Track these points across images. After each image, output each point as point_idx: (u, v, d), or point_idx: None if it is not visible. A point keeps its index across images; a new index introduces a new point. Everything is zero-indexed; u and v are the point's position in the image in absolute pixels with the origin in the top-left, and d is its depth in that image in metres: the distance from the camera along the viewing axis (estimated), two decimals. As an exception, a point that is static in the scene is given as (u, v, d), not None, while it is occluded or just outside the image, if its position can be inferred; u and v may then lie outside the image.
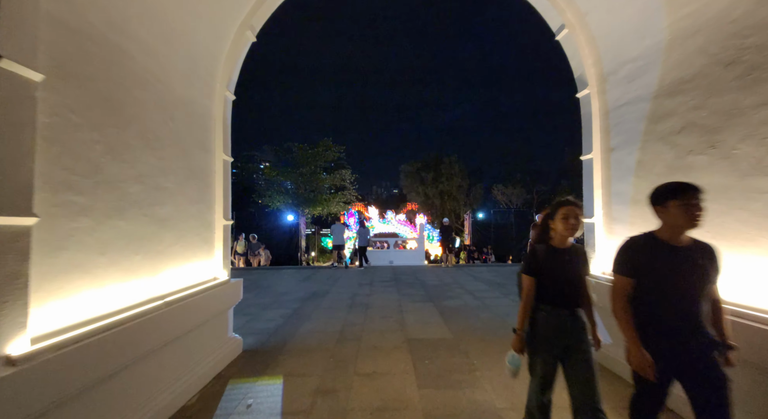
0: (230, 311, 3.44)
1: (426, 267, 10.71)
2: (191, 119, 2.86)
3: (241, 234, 12.64)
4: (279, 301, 6.00)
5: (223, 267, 3.29)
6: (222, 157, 3.28)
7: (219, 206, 3.24)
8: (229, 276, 3.38)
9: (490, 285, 7.42)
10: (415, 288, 7.19)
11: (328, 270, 10.33)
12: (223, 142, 3.29)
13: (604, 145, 3.37)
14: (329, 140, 27.17)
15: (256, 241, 12.77)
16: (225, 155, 3.32)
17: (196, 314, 2.71)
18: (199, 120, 3.00)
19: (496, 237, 22.29)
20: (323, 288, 7.20)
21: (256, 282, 8.10)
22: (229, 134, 3.44)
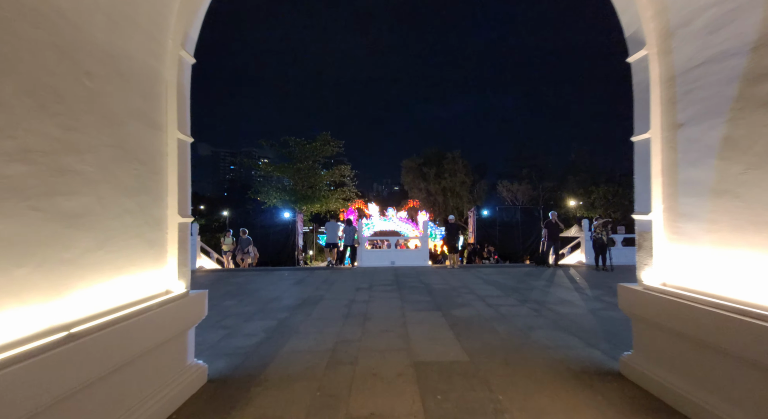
0: (191, 332, 2.73)
1: (430, 269, 10.00)
2: (126, 81, 2.13)
3: (229, 230, 12.13)
4: (265, 310, 5.29)
5: (180, 278, 2.57)
6: (177, 136, 2.55)
7: (173, 199, 2.52)
8: (188, 287, 2.66)
9: (502, 289, 6.70)
10: (419, 293, 6.47)
11: (324, 271, 9.63)
12: (178, 117, 2.56)
13: (667, 120, 2.63)
14: (328, 134, 26.39)
15: (246, 236, 11.92)
16: (182, 133, 2.59)
17: (134, 341, 2.01)
18: (141, 84, 2.27)
19: (502, 236, 21.56)
20: (317, 294, 6.48)
21: (242, 286, 7.40)
22: (187, 107, 2.71)
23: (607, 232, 8.88)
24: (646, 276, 2.78)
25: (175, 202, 2.53)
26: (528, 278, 8.07)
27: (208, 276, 9.05)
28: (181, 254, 2.56)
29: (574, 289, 6.70)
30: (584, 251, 10.65)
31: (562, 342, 3.65)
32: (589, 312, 4.94)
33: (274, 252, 20.93)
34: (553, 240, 9.79)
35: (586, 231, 10.70)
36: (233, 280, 8.16)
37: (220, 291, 6.84)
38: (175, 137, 2.54)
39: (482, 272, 9.02)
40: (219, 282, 8.02)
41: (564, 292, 6.42)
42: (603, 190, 28.44)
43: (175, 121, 2.54)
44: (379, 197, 66.34)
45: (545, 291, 6.49)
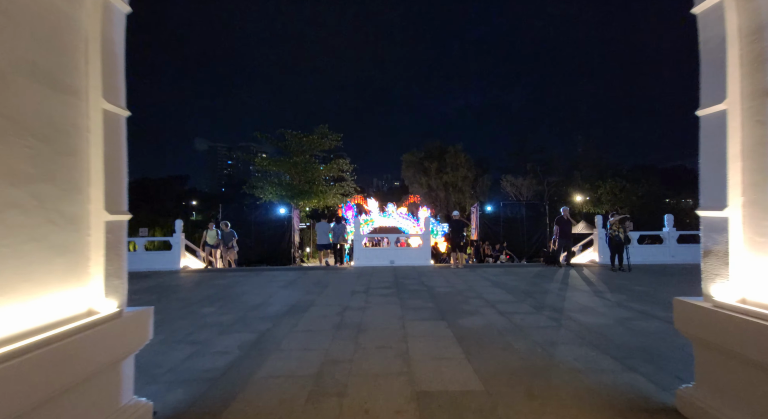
0: (127, 362, 2.11)
1: (432, 269, 9.39)
2: (11, 22, 1.50)
3: (211, 223, 11.36)
4: (246, 319, 4.69)
5: (109, 294, 1.95)
6: (103, 106, 1.92)
7: (97, 190, 1.90)
8: (122, 305, 2.04)
9: (513, 293, 6.09)
10: (421, 297, 5.87)
11: (318, 271, 9.03)
12: (104, 81, 1.93)
13: (750, 86, 2.00)
14: (326, 127, 25.65)
15: (228, 230, 11.14)
16: (110, 104, 1.96)
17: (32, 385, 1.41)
18: (41, 31, 1.65)
19: (506, 232, 20.92)
20: (307, 299, 5.88)
21: (226, 289, 6.80)
22: (120, 69, 2.07)
23: (624, 229, 8.26)
24: (717, 291, 2.16)
25: (101, 194, 1.90)
26: (539, 280, 7.46)
27: (191, 278, 8.46)
28: (111, 263, 1.94)
29: (593, 293, 6.09)
30: (597, 249, 10.03)
31: (595, 364, 3.05)
32: (617, 323, 4.33)
33: (270, 249, 20.35)
34: (565, 237, 9.17)
35: (599, 229, 10.07)
36: (218, 282, 7.56)
37: (200, 295, 6.24)
38: (100, 108, 1.91)
39: (489, 273, 8.41)
40: (202, 284, 7.43)
41: (583, 297, 5.81)
42: (610, 184, 27.74)
43: (100, 87, 1.91)
44: (379, 193, 65.75)
45: (561, 296, 5.89)
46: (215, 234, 11.04)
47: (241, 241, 20.51)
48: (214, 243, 10.95)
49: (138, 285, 7.36)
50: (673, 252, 9.95)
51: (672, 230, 10.01)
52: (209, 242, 10.91)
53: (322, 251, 11.19)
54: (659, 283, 6.99)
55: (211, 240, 10.98)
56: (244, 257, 20.18)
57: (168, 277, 8.41)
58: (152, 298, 6.12)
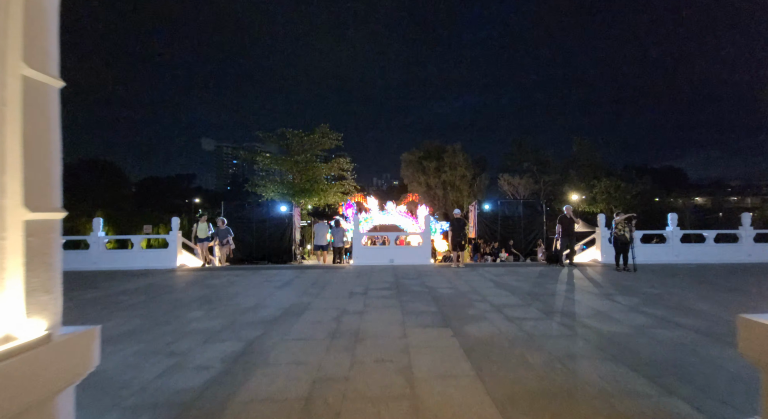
0: (64, 396, 1.70)
1: (433, 268, 9.01)
2: None
3: (203, 216, 11.04)
4: (234, 325, 4.29)
5: (33, 313, 1.54)
6: (22, 72, 1.50)
7: (13, 180, 1.48)
8: (53, 326, 1.63)
9: (518, 295, 5.71)
10: (422, 300, 5.48)
11: (316, 271, 8.63)
12: (24, 41, 1.51)
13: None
14: (326, 126, 25.21)
15: (225, 226, 10.76)
16: (33, 69, 1.54)
17: None
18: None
19: (503, 230, 20.58)
20: (303, 301, 5.49)
21: (219, 290, 6.40)
22: (50, 27, 1.65)
23: (630, 228, 7.89)
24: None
25: (19, 186, 1.49)
26: (544, 280, 7.09)
27: (186, 277, 8.05)
28: (34, 273, 1.53)
29: (603, 296, 5.72)
30: (600, 248, 9.66)
31: (626, 384, 2.66)
32: (638, 332, 3.95)
33: (271, 246, 19.98)
34: (568, 236, 8.80)
35: (602, 227, 9.71)
36: (211, 282, 7.16)
37: (191, 297, 5.84)
38: (18, 74, 1.49)
39: (491, 273, 8.03)
40: (194, 284, 7.03)
41: (593, 300, 5.43)
42: (605, 183, 27.42)
43: (19, 47, 1.49)
44: (378, 191, 65.37)
45: (570, 299, 5.51)
46: (205, 227, 10.60)
47: (242, 239, 20.12)
48: (205, 236, 10.48)
49: (129, 285, 6.96)
50: (676, 252, 9.61)
51: (676, 229, 9.66)
52: (200, 236, 10.46)
53: (318, 251, 10.81)
54: (669, 285, 6.63)
55: (201, 233, 10.51)
56: (246, 254, 19.90)
57: (162, 276, 7.99)
58: (140, 300, 5.71)
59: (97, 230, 9.11)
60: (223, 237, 10.48)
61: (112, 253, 9.35)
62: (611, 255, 9.36)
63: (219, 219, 10.60)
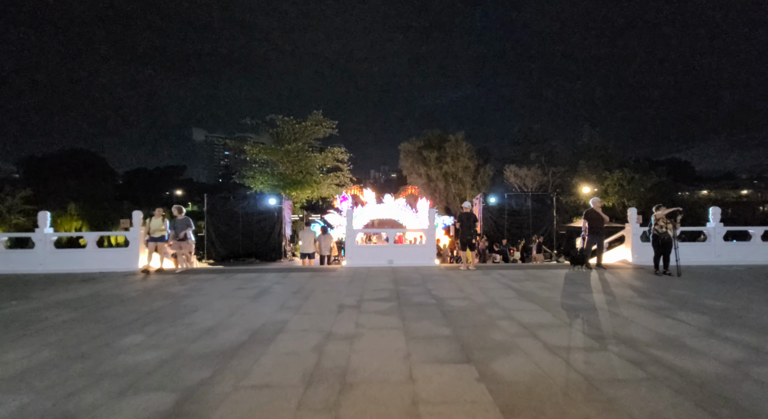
0: None
1: (439, 271, 7.86)
2: None
3: (159, 208, 8.61)
4: (176, 361, 3.12)
5: None
6: None
7: None
8: None
9: (551, 311, 4.56)
10: (430, 317, 4.34)
11: (303, 274, 7.46)
12: None
13: None
14: (320, 113, 23.84)
15: (182, 217, 8.41)
16: None
17: None
18: None
19: (510, 225, 19.44)
20: (278, 318, 4.33)
21: (177, 301, 5.22)
22: None
23: (674, 225, 6.74)
24: None
25: None
26: (574, 288, 5.96)
27: (142, 283, 6.86)
28: None
29: (659, 311, 4.58)
30: (631, 247, 8.54)
31: None
32: (735, 371, 2.83)
33: (259, 242, 18.78)
34: (596, 234, 7.64)
35: (633, 223, 8.56)
36: (171, 290, 5.98)
37: (136, 313, 4.65)
38: None
39: (508, 277, 6.90)
40: (150, 293, 5.85)
41: (649, 318, 4.29)
42: (618, 175, 26.26)
43: None
44: (376, 184, 64.06)
45: (618, 315, 4.37)
46: (160, 222, 8.16)
47: (227, 234, 18.97)
48: (160, 235, 8.12)
49: (68, 294, 5.77)
50: (718, 252, 8.49)
51: (718, 225, 8.54)
52: (153, 235, 8.07)
53: (304, 259, 9.60)
54: (732, 295, 5.51)
55: (156, 231, 8.10)
56: (231, 251, 18.70)
57: (115, 282, 6.81)
58: (70, 317, 4.54)
59: (43, 226, 7.80)
60: (180, 230, 8.19)
61: (61, 253, 8.07)
62: (645, 256, 8.24)
63: (176, 207, 8.37)
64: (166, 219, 8.25)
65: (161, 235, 8.08)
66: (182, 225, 8.22)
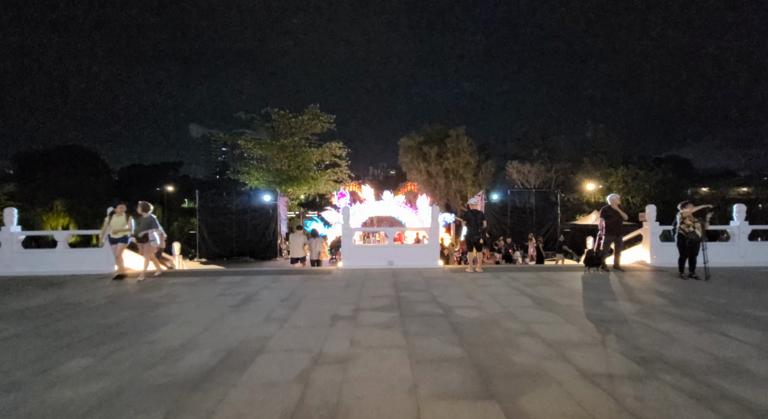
0: None
1: (443, 273, 7.23)
2: None
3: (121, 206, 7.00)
4: (125, 393, 2.48)
5: None
6: None
7: None
8: None
9: (577, 323, 3.94)
10: (438, 331, 3.71)
11: (294, 277, 6.82)
12: None
13: None
14: (317, 107, 23.10)
15: (147, 215, 6.94)
16: None
17: None
18: None
19: (513, 223, 18.83)
20: (260, 334, 3.70)
21: (146, 311, 4.57)
22: None
23: (702, 225, 6.13)
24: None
25: None
26: (595, 294, 5.35)
27: (114, 288, 6.22)
28: None
29: (703, 325, 3.96)
30: (650, 248, 7.93)
31: None
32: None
33: (253, 240, 18.12)
34: (614, 233, 7.03)
35: (652, 222, 7.95)
36: (144, 297, 5.33)
37: (94, 326, 4.01)
38: None
39: (520, 281, 6.28)
40: (118, 300, 5.21)
41: (694, 334, 3.67)
42: (622, 172, 25.67)
43: None
44: (374, 181, 63.39)
45: (656, 331, 3.75)
46: (123, 221, 6.84)
47: (220, 232, 18.29)
48: (122, 236, 6.83)
49: (29, 302, 5.12)
50: (742, 252, 7.90)
51: (743, 224, 7.94)
52: (115, 235, 6.80)
53: (295, 264, 8.93)
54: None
55: (119, 232, 6.80)
56: (225, 250, 18.03)
57: (85, 286, 6.14)
58: (18, 331, 3.89)
59: (9, 224, 7.10)
60: (144, 228, 6.80)
61: (30, 254, 7.38)
62: (665, 257, 7.64)
63: (141, 204, 6.97)
64: (131, 217, 7.11)
65: (123, 236, 6.83)
66: (144, 225, 6.84)
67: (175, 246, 10.14)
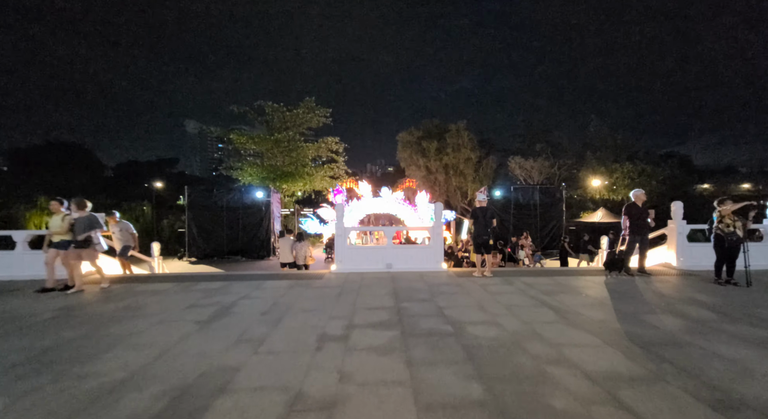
0: None
1: (448, 278, 6.49)
2: None
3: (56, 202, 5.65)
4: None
5: None
6: None
7: None
8: None
9: (619, 347, 3.20)
10: (448, 357, 2.96)
11: (279, 284, 6.06)
12: None
13: None
14: (312, 101, 22.23)
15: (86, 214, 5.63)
16: None
17: None
18: None
19: (516, 221, 18.11)
20: (228, 361, 2.94)
21: (97, 329, 3.80)
22: None
23: (744, 224, 5.42)
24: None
25: None
26: (627, 305, 4.62)
27: (70, 297, 5.46)
28: None
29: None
30: (676, 248, 7.21)
31: None
32: None
33: (246, 239, 17.33)
34: (639, 233, 6.30)
35: (678, 220, 7.23)
36: (100, 309, 4.56)
37: (25, 351, 3.23)
38: None
39: (535, 287, 5.55)
40: (69, 313, 4.43)
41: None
42: (627, 168, 24.96)
43: None
44: (372, 178, 62.55)
45: (721, 356, 3.03)
46: (59, 222, 5.52)
47: (211, 230, 17.47)
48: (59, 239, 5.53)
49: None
50: (775, 253, 7.19)
51: (777, 222, 7.24)
52: (53, 240, 5.56)
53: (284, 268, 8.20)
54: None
55: (54, 235, 5.54)
56: (216, 249, 17.25)
57: (34, 296, 5.36)
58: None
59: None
60: (83, 230, 5.48)
61: (-20, 256, 6.60)
62: (693, 259, 6.95)
63: (75, 200, 5.61)
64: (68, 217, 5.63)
65: (61, 241, 5.50)
66: (82, 226, 5.46)
67: (154, 246, 9.35)
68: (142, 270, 8.70)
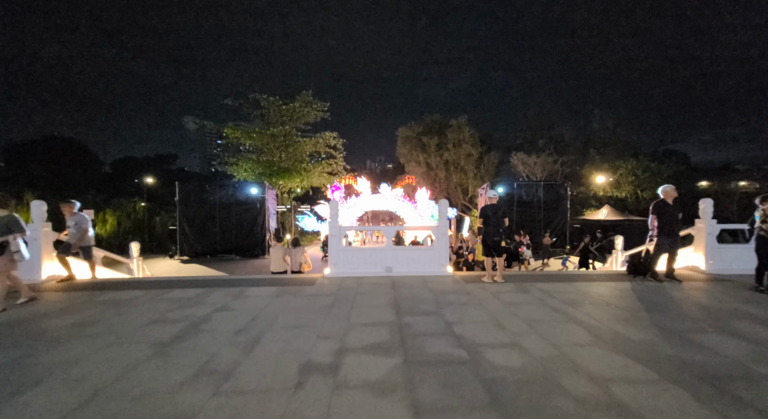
0: None
1: (455, 285, 5.82)
2: None
3: None
4: None
5: None
6: None
7: None
8: None
9: (668, 373, 2.52)
10: (465, 399, 2.28)
11: (264, 291, 5.37)
12: None
13: None
14: (309, 94, 21.43)
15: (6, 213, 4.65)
16: None
17: None
18: None
19: (519, 218, 17.44)
20: (178, 409, 2.23)
21: (34, 352, 3.10)
22: None
23: (792, 224, 4.75)
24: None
25: None
26: (666, 319, 3.95)
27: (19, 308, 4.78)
28: None
29: None
30: (704, 250, 6.55)
31: None
32: None
33: (240, 236, 16.64)
34: (670, 234, 5.62)
35: (707, 219, 6.56)
36: (46, 324, 3.87)
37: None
38: None
39: (556, 296, 4.88)
40: (9, 329, 3.75)
41: None
42: (632, 164, 24.30)
43: None
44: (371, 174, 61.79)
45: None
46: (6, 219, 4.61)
47: (203, 227, 16.72)
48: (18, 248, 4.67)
49: None
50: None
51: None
52: None
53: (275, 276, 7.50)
54: None
55: None
56: (208, 247, 16.53)
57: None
58: None
59: None
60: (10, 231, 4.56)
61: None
62: (724, 262, 6.30)
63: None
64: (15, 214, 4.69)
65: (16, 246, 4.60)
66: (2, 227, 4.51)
67: (132, 246, 8.66)
68: (120, 273, 8.01)
